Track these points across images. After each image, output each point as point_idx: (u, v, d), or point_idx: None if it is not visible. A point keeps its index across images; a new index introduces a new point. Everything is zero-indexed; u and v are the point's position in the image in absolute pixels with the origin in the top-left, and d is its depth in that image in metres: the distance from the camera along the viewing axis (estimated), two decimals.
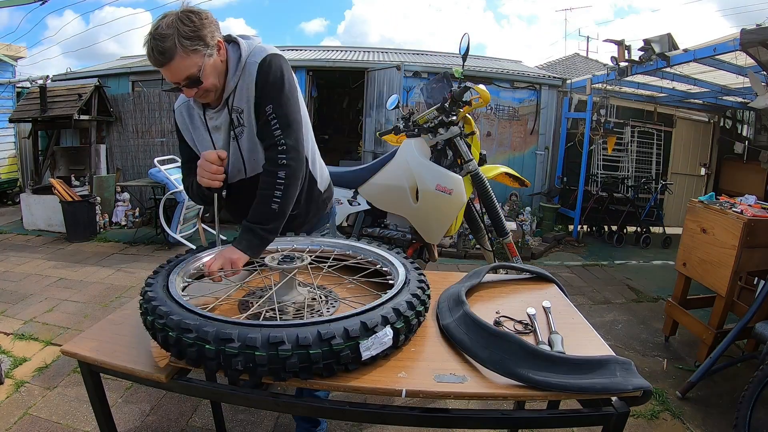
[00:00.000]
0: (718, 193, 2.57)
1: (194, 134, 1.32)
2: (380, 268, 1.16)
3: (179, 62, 1.07)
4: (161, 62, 1.06)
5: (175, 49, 1.05)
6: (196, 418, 1.88)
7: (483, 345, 0.85)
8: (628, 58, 4.29)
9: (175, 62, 1.06)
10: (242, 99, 1.21)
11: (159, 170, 4.41)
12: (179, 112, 1.34)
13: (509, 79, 5.80)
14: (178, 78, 1.10)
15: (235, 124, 1.23)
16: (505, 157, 5.79)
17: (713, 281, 2.25)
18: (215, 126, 1.27)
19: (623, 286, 3.78)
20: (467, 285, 1.12)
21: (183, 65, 1.08)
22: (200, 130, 1.31)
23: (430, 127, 2.18)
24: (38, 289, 3.23)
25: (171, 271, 1.03)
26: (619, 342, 2.68)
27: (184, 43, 1.05)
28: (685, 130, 6.17)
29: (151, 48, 1.05)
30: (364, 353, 0.79)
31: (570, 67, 9.88)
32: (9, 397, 1.96)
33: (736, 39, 2.98)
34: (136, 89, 5.92)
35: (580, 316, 1.06)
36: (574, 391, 0.76)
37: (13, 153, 6.62)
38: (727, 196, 2.49)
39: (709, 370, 2.07)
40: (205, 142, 1.31)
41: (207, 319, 0.80)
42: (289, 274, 1.01)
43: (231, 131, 1.24)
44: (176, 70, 1.08)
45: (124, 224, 5.32)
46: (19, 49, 6.92)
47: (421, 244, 2.32)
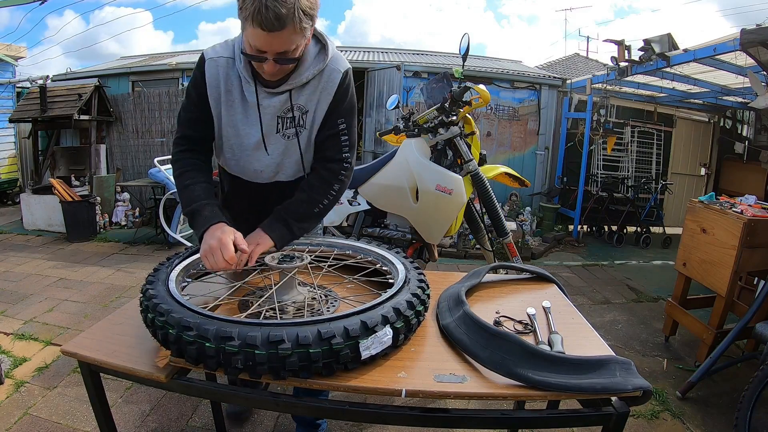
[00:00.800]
0: (718, 193, 2.57)
1: (226, 107, 1.15)
2: (380, 268, 1.16)
3: (287, 35, 0.96)
4: (272, 27, 0.93)
5: (291, 20, 0.93)
6: (196, 418, 1.88)
7: (483, 345, 0.85)
8: (628, 58, 4.29)
9: (284, 33, 0.95)
10: (312, 100, 1.15)
11: (159, 170, 4.41)
12: (214, 69, 1.12)
13: (509, 79, 5.80)
14: (276, 49, 0.98)
15: (296, 123, 1.16)
16: (505, 157, 5.79)
17: (713, 281, 2.25)
18: (265, 106, 1.14)
19: (623, 286, 3.78)
20: (467, 285, 1.12)
21: (288, 39, 0.97)
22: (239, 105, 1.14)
23: (430, 127, 2.18)
24: (38, 289, 3.23)
25: (171, 270, 1.03)
26: (619, 342, 2.68)
27: (301, 17, 0.95)
28: (685, 130, 6.17)
29: (265, 7, 0.90)
30: (364, 353, 0.79)
31: (570, 67, 9.89)
32: (9, 397, 1.96)
33: (736, 39, 2.98)
34: (136, 89, 5.92)
35: (580, 316, 1.06)
36: (574, 391, 0.76)
37: (13, 153, 6.61)
38: (727, 196, 2.49)
39: (709, 370, 2.07)
40: (249, 118, 1.15)
41: (207, 317, 0.80)
42: (289, 274, 1.01)
43: (286, 128, 1.16)
44: (280, 40, 0.96)
45: (124, 224, 5.32)
46: (20, 49, 6.92)
47: (421, 244, 2.32)
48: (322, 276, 1.14)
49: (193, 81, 1.16)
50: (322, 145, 1.19)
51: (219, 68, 1.12)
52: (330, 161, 1.18)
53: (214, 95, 1.14)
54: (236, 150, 1.21)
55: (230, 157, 1.23)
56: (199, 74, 1.14)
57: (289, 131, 1.17)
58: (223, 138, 1.20)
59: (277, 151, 1.20)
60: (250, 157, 1.21)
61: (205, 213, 1.06)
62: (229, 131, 1.18)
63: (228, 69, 1.13)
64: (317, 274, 1.13)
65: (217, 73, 1.13)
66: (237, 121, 1.16)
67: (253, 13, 0.92)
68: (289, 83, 1.11)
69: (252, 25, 0.94)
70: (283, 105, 1.14)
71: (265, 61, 1.00)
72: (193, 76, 1.16)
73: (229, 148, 1.21)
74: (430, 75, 5.44)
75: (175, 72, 5.97)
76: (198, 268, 1.14)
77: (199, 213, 1.07)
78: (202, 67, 1.13)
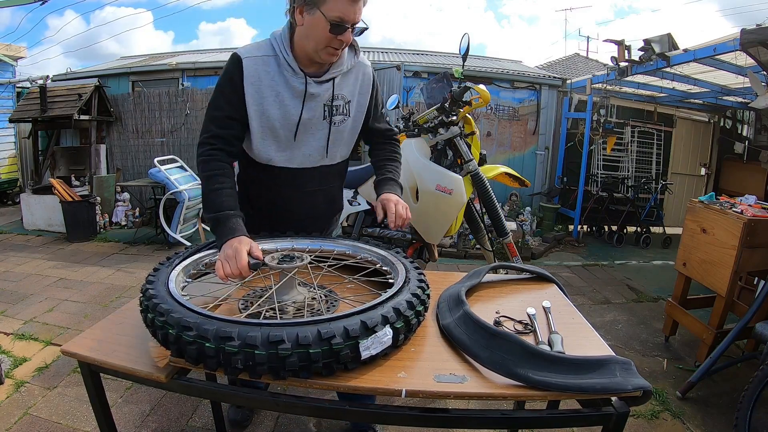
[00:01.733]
0: (718, 193, 2.57)
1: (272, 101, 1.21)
2: (380, 268, 1.16)
3: (362, 4, 1.12)
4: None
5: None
6: (196, 418, 1.88)
7: (483, 345, 0.85)
8: (628, 58, 4.29)
9: (360, 3, 1.12)
10: (353, 91, 1.30)
11: (159, 170, 4.41)
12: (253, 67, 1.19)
13: (509, 79, 5.80)
14: (355, 18, 1.12)
15: (340, 111, 1.29)
16: (505, 157, 5.79)
17: (713, 281, 2.25)
18: (312, 94, 1.22)
19: (623, 286, 3.78)
20: (467, 285, 1.12)
21: (361, 9, 1.13)
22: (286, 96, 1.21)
23: (430, 127, 2.18)
24: (38, 289, 3.23)
25: (171, 270, 1.03)
26: (619, 342, 2.68)
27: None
28: (685, 130, 6.17)
29: None
30: (364, 353, 0.79)
31: (570, 67, 9.89)
32: (9, 397, 1.96)
33: (736, 39, 2.98)
34: (136, 89, 5.92)
35: (580, 316, 1.06)
36: (574, 391, 0.76)
37: (13, 153, 6.62)
38: (727, 196, 2.49)
39: (709, 370, 2.07)
40: (298, 107, 1.22)
41: (207, 317, 0.80)
42: (289, 274, 1.01)
43: (333, 114, 1.28)
44: (358, 9, 1.12)
45: (124, 224, 5.32)
46: (19, 49, 6.92)
47: (421, 244, 2.32)
48: (322, 276, 1.15)
49: (228, 81, 1.20)
50: (378, 128, 1.43)
51: (258, 66, 1.19)
52: (389, 137, 1.46)
53: (254, 93, 1.20)
54: (284, 140, 1.26)
55: (275, 148, 1.27)
56: (237, 73, 1.18)
57: (337, 118, 1.29)
58: (266, 132, 1.25)
59: (325, 137, 1.29)
60: (300, 143, 1.28)
61: (230, 224, 1.10)
62: (276, 123, 1.23)
63: (265, 66, 1.20)
64: (317, 274, 1.13)
65: (256, 70, 1.19)
66: (285, 111, 1.23)
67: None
68: (331, 72, 1.23)
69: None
70: (327, 93, 1.25)
71: (344, 32, 1.12)
72: (226, 77, 1.20)
73: (275, 140, 1.26)
74: (430, 75, 5.44)
75: (175, 72, 5.97)
76: (198, 268, 1.14)
77: (224, 223, 1.10)
78: (239, 66, 1.18)
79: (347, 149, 1.39)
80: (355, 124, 1.34)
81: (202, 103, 5.66)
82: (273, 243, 1.26)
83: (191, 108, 5.63)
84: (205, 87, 5.75)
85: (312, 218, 1.41)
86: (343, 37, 1.13)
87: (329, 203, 1.46)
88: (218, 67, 5.88)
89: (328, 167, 1.35)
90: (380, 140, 1.45)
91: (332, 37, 1.12)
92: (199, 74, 5.94)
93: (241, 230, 1.09)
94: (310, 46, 1.15)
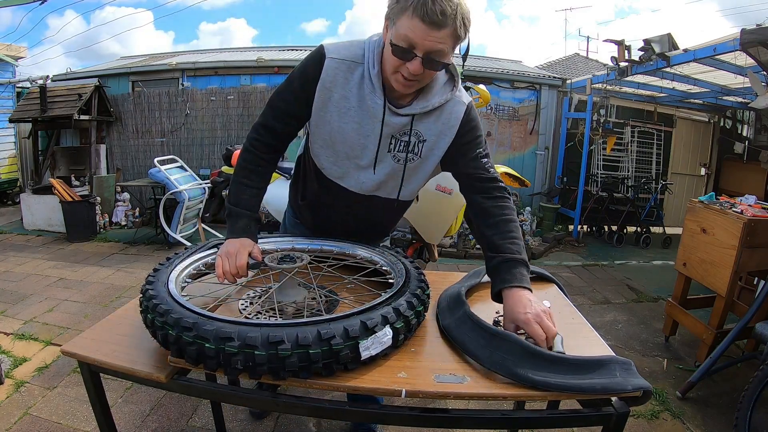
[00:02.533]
0: (718, 193, 2.57)
1: (338, 112, 1.08)
2: (380, 268, 1.16)
3: (445, 34, 0.91)
4: (434, 20, 0.89)
5: (453, 19, 0.90)
6: (196, 418, 1.88)
7: (483, 345, 0.85)
8: (628, 58, 4.29)
9: (442, 31, 0.91)
10: (432, 131, 1.10)
11: (159, 170, 4.41)
12: (333, 69, 1.05)
13: (509, 79, 5.80)
14: (430, 47, 0.92)
15: (409, 148, 1.11)
16: (505, 157, 5.79)
17: (713, 281, 2.25)
18: (387, 123, 1.07)
19: (623, 286, 3.78)
20: (467, 285, 1.12)
21: (444, 39, 0.92)
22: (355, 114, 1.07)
23: None
24: (38, 289, 3.23)
25: (171, 270, 1.03)
26: (619, 342, 2.68)
27: (462, 21, 0.92)
28: (685, 130, 6.17)
29: (438, 2, 0.88)
30: (364, 353, 0.78)
31: (570, 67, 9.90)
32: (9, 397, 1.96)
33: (736, 39, 2.98)
34: (136, 89, 5.93)
35: (580, 316, 1.06)
36: (574, 391, 0.76)
37: (13, 153, 6.62)
38: (727, 196, 2.49)
39: (709, 370, 2.07)
40: (365, 130, 1.08)
41: (207, 317, 0.80)
42: (289, 274, 1.01)
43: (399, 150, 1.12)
44: (437, 38, 0.91)
45: (124, 224, 5.32)
46: (20, 49, 6.92)
47: (421, 244, 2.32)
48: (322, 276, 1.14)
49: (303, 73, 1.08)
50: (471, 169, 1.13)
51: (339, 70, 1.06)
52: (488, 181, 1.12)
53: (323, 96, 1.07)
54: (341, 157, 1.14)
55: (332, 162, 1.15)
56: (314, 69, 1.06)
57: (401, 154, 1.12)
58: (325, 141, 1.13)
59: (383, 171, 1.14)
60: (356, 168, 1.14)
61: (241, 223, 1.08)
62: (337, 137, 1.11)
63: (348, 73, 1.06)
64: (317, 274, 1.13)
65: (335, 74, 1.06)
66: (350, 129, 1.09)
67: (416, 4, 0.88)
68: (413, 107, 1.07)
69: (412, 16, 0.90)
70: (404, 127, 1.09)
71: (412, 59, 0.94)
72: (304, 67, 1.08)
73: (333, 153, 1.14)
74: None
75: (175, 72, 5.97)
76: (198, 269, 1.14)
77: (237, 220, 1.08)
78: (320, 62, 1.05)
79: (411, 191, 1.21)
80: (425, 167, 1.16)
81: (202, 103, 5.66)
82: (273, 243, 1.26)
83: (191, 108, 5.63)
84: (205, 87, 5.75)
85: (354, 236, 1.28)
86: (410, 65, 0.94)
87: (373, 230, 1.32)
88: (218, 67, 5.88)
89: (382, 200, 1.20)
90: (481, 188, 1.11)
91: (399, 62, 0.96)
92: (199, 74, 5.94)
93: (250, 232, 1.08)
94: (386, 68, 1.01)
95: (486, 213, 1.08)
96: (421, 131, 1.10)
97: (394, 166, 1.13)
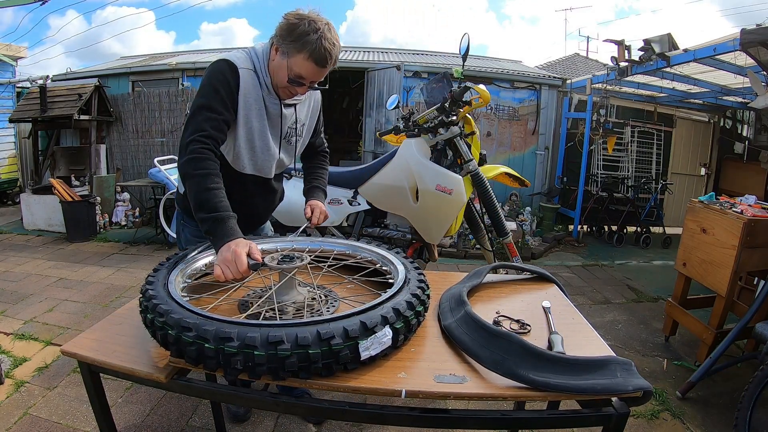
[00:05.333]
0: (718, 193, 2.57)
1: (257, 115, 1.30)
2: (380, 268, 1.16)
3: (327, 70, 1.23)
4: (326, 63, 1.20)
5: (335, 59, 1.22)
6: (196, 418, 1.88)
7: (483, 345, 0.85)
8: (628, 58, 4.29)
9: (326, 69, 1.23)
10: (307, 115, 1.47)
11: (159, 170, 4.41)
12: (246, 79, 1.26)
13: (509, 79, 5.80)
14: (317, 79, 1.25)
15: (297, 132, 1.44)
16: (505, 157, 5.79)
17: (713, 281, 2.25)
18: (284, 115, 1.36)
19: (623, 286, 3.78)
20: (469, 285, 1.12)
21: (326, 71, 1.24)
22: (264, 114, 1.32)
23: (430, 127, 2.18)
24: (38, 289, 3.23)
25: (171, 270, 1.03)
26: (619, 342, 2.68)
27: (337, 59, 1.24)
28: (685, 130, 6.17)
29: (324, 48, 1.16)
30: (363, 353, 0.78)
31: (570, 67, 9.89)
32: (9, 397, 1.96)
33: (736, 39, 2.98)
34: (136, 89, 5.92)
35: (580, 316, 1.06)
36: (574, 391, 0.76)
37: (13, 153, 6.62)
38: (727, 196, 2.49)
39: (709, 370, 2.07)
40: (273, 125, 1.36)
41: (207, 318, 0.80)
42: (289, 274, 1.01)
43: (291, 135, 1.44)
44: (323, 73, 1.24)
45: (124, 224, 5.32)
46: (19, 49, 6.92)
47: (421, 244, 2.32)
48: (322, 276, 1.14)
49: (225, 86, 1.23)
50: (314, 143, 1.59)
51: (249, 78, 1.26)
52: (322, 150, 1.64)
53: (244, 104, 1.27)
54: (259, 152, 1.37)
55: (250, 156, 1.36)
56: (234, 81, 1.24)
57: (293, 138, 1.46)
58: (246, 141, 1.33)
59: (282, 153, 1.45)
60: (268, 158, 1.40)
61: (228, 226, 1.08)
62: (255, 135, 1.33)
63: (252, 80, 1.27)
64: (317, 274, 1.13)
65: (247, 84, 1.26)
66: (264, 126, 1.34)
67: (312, 50, 1.16)
68: (295, 98, 1.34)
69: (306, 59, 1.18)
70: (292, 116, 1.40)
71: (301, 86, 1.24)
72: (222, 81, 1.23)
73: (251, 149, 1.35)
74: (430, 75, 5.44)
75: (175, 72, 5.97)
76: (198, 269, 1.14)
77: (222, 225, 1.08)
78: (236, 72, 1.24)
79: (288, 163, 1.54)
80: (303, 143, 1.52)
81: None
82: (273, 243, 1.26)
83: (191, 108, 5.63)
84: None
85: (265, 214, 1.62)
86: (300, 89, 1.26)
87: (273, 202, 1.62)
88: None
89: (278, 176, 1.53)
90: (313, 152, 1.62)
91: (290, 86, 1.24)
92: (199, 74, 5.93)
93: (238, 233, 1.08)
94: (275, 80, 1.27)
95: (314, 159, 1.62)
96: (301, 117, 1.44)
97: (287, 148, 1.45)
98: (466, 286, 1.10)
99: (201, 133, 1.18)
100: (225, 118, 1.23)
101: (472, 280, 1.17)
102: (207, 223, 1.09)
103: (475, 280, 1.17)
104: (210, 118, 1.21)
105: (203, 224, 1.10)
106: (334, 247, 1.27)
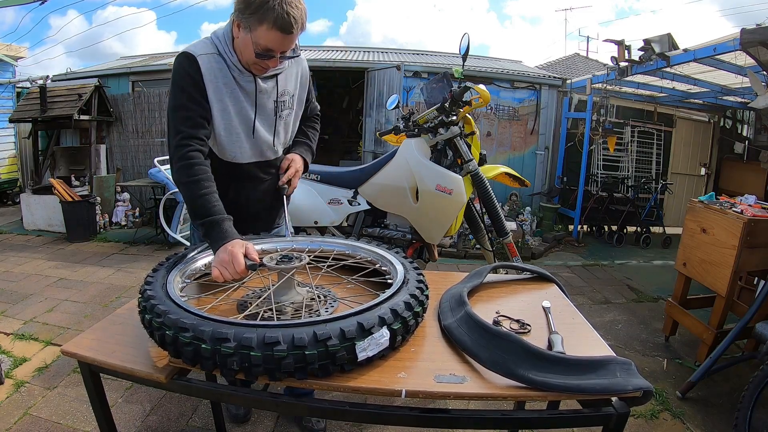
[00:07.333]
0: (718, 193, 2.57)
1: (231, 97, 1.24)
2: (379, 268, 1.16)
3: (295, 36, 1.15)
4: (290, 29, 1.11)
5: (301, 23, 1.13)
6: (196, 418, 1.88)
7: (483, 345, 0.85)
8: (628, 58, 4.28)
9: (294, 35, 1.14)
10: (294, 85, 1.38)
11: (159, 170, 4.41)
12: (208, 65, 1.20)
13: (509, 79, 5.80)
14: (286, 48, 1.16)
15: (287, 105, 1.37)
16: (505, 157, 5.79)
17: (713, 281, 2.25)
18: (262, 90, 1.28)
19: (623, 286, 3.78)
20: (469, 285, 1.12)
21: (294, 38, 1.16)
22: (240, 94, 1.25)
23: (430, 127, 2.18)
24: (38, 289, 3.23)
25: (170, 271, 1.03)
26: (619, 342, 2.68)
27: (304, 21, 1.14)
28: (685, 130, 6.16)
29: (286, 13, 1.08)
30: (360, 354, 0.78)
31: (570, 67, 9.89)
32: (9, 397, 1.96)
33: (736, 39, 2.98)
34: (136, 89, 5.92)
35: (581, 316, 1.06)
36: (574, 391, 0.76)
37: (13, 153, 6.62)
38: (727, 196, 2.49)
39: (709, 370, 2.07)
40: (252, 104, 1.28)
41: (204, 318, 0.80)
42: (288, 274, 1.01)
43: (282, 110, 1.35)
44: (291, 41, 1.15)
45: (124, 224, 5.32)
46: (20, 49, 6.93)
47: (421, 244, 2.32)
48: (321, 276, 1.14)
49: (188, 80, 1.19)
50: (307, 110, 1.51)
51: (211, 64, 1.21)
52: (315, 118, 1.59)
53: (214, 90, 1.22)
54: (244, 136, 1.31)
55: (233, 141, 1.30)
56: (195, 72, 1.19)
57: (284, 112, 1.38)
58: (226, 126, 1.27)
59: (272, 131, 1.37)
60: (257, 139, 1.33)
61: (222, 229, 1.08)
62: (236, 119, 1.27)
63: (217, 64, 1.22)
64: (316, 274, 1.13)
65: (211, 68, 1.21)
66: (243, 107, 1.27)
67: (274, 18, 1.08)
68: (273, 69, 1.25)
69: (270, 29, 1.10)
70: (274, 89, 1.31)
71: (271, 59, 1.16)
72: (184, 77, 1.19)
73: (235, 134, 1.29)
74: (430, 75, 5.44)
75: None
76: (197, 269, 1.14)
77: (217, 228, 1.08)
78: (195, 63, 1.19)
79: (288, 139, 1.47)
80: (296, 115, 1.44)
81: None
82: (273, 243, 1.26)
83: None
84: None
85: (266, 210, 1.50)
86: (270, 62, 1.18)
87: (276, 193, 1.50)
88: None
89: (275, 160, 1.43)
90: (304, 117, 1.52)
91: (259, 60, 1.17)
92: None
93: (234, 234, 1.08)
94: (243, 58, 1.21)
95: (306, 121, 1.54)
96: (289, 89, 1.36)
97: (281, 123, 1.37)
98: (466, 286, 1.10)
99: (179, 137, 1.18)
100: (199, 112, 1.21)
101: (473, 280, 1.17)
102: (203, 228, 1.10)
103: (475, 280, 1.17)
104: (184, 117, 1.20)
105: (200, 229, 1.11)
106: (333, 247, 1.27)
